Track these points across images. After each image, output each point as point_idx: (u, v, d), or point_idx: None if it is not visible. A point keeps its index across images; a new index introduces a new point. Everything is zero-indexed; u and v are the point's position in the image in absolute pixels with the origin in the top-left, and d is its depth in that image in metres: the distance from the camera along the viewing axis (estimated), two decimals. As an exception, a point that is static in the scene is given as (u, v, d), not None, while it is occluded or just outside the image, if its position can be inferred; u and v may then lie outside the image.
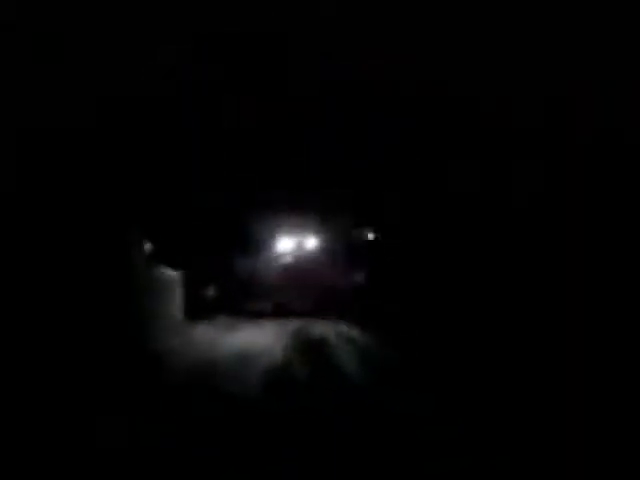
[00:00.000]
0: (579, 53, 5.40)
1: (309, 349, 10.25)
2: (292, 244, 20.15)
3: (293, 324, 13.40)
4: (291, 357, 9.37)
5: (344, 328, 12.13)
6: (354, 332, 11.69)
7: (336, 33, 6.59)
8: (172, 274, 13.25)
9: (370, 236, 12.12)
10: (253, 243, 19.40)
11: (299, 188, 10.88)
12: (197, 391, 7.07)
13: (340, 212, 12.33)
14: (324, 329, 12.35)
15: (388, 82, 7.33)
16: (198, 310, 15.01)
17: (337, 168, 9.54)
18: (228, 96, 8.12)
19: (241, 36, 6.73)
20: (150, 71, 7.41)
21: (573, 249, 5.95)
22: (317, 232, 18.03)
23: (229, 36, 6.72)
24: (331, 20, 6.34)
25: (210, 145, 9.12)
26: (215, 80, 7.76)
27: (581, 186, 5.61)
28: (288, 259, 19.71)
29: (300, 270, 18.63)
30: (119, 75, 7.32)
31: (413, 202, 8.71)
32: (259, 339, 11.67)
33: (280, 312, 16.55)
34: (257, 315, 16.34)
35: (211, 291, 17.09)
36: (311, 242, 19.63)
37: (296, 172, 9.93)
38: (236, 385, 7.35)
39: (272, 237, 20.15)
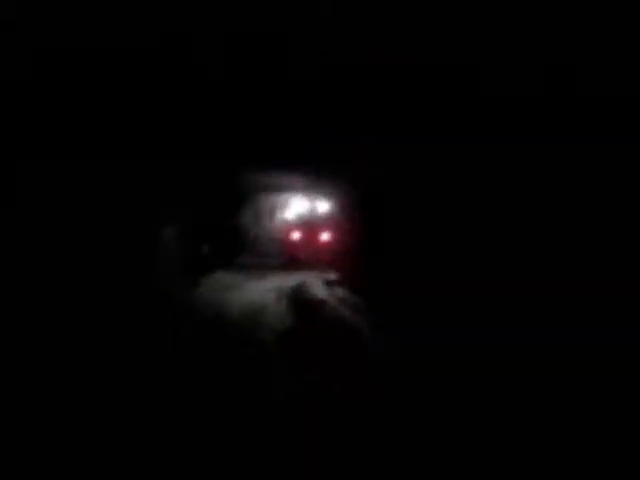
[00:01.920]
0: (580, 18, 5.32)
1: (309, 309, 10.96)
2: (305, 206, 20.56)
3: (291, 283, 14.02)
4: (294, 316, 10.10)
5: (339, 290, 12.84)
6: (346, 293, 12.42)
7: (336, 33, 6.60)
8: (167, 230, 13.51)
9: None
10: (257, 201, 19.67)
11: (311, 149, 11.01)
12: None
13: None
14: (319, 290, 13.06)
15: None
16: (194, 267, 15.42)
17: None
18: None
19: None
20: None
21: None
22: (328, 195, 18.28)
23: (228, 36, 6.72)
24: (331, 20, 6.35)
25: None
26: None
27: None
28: (299, 219, 20.07)
29: (309, 231, 18.95)
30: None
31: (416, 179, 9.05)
32: (260, 297, 12.31)
33: (281, 269, 17.15)
34: (257, 272, 16.79)
35: (206, 249, 17.47)
36: (323, 205, 20.04)
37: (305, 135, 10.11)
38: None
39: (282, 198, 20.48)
